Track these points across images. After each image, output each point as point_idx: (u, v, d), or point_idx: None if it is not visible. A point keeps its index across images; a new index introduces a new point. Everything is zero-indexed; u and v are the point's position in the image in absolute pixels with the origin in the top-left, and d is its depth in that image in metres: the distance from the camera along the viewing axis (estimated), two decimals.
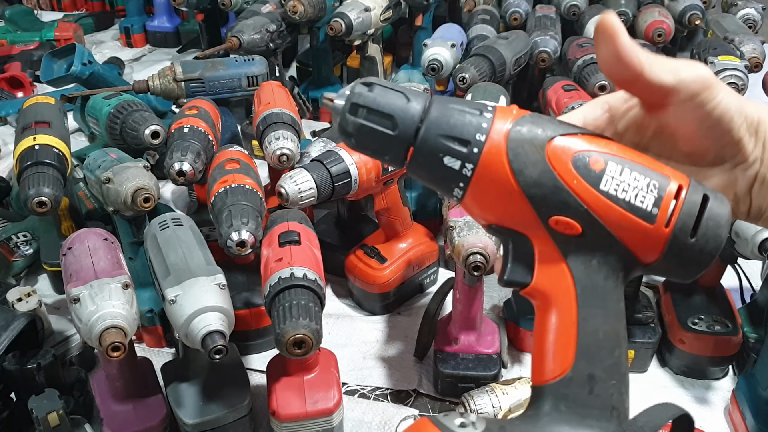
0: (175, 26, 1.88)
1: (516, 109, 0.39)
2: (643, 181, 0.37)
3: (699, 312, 0.82)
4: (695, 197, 0.37)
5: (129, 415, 0.69)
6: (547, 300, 0.40)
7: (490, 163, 0.37)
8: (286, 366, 0.70)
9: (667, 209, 0.37)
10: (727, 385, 0.82)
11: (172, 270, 0.65)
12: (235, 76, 1.07)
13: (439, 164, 0.38)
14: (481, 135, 0.37)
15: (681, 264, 0.38)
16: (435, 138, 0.37)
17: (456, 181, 0.38)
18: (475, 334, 0.79)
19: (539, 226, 0.38)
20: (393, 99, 0.38)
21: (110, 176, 0.75)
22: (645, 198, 0.37)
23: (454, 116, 0.38)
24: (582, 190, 0.37)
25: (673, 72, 0.37)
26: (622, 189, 0.37)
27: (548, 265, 0.39)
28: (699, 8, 1.32)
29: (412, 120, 0.38)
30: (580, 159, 0.37)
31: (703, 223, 0.37)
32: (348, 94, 0.38)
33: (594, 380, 0.38)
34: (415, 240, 0.93)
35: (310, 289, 0.64)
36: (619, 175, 0.37)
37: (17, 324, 0.71)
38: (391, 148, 0.38)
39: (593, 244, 0.38)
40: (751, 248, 0.74)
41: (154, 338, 0.87)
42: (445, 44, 1.11)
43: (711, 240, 0.37)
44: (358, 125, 0.38)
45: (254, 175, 0.82)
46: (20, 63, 1.59)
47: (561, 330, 0.39)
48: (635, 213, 0.37)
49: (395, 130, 0.38)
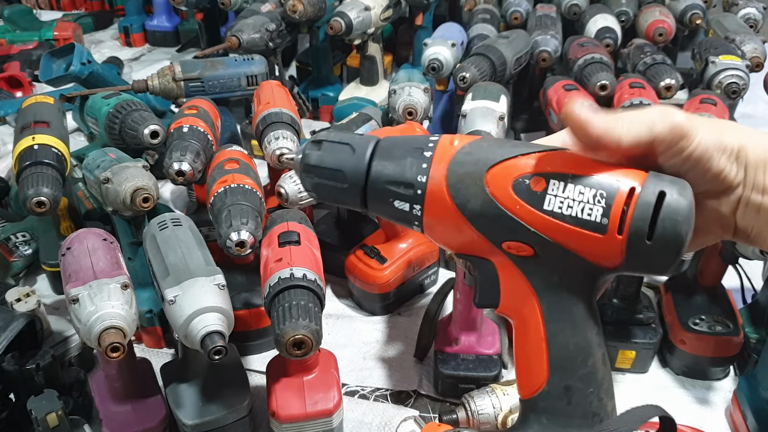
0: (175, 26, 1.87)
1: (458, 139, 0.39)
2: (589, 192, 0.36)
3: (700, 312, 0.82)
4: (649, 198, 0.36)
5: (128, 416, 0.69)
6: (516, 318, 0.41)
7: (434, 202, 0.39)
8: (285, 367, 0.69)
9: (617, 217, 0.36)
10: (729, 385, 0.82)
11: (171, 270, 0.65)
12: (234, 75, 1.06)
13: (392, 207, 0.40)
14: (422, 176, 0.39)
15: (646, 265, 0.37)
16: (382, 185, 0.40)
17: (411, 220, 0.41)
18: (475, 334, 0.79)
19: (496, 251, 0.39)
20: (339, 154, 0.40)
21: (109, 176, 0.75)
22: (592, 210, 0.36)
23: (395, 161, 0.39)
24: (526, 213, 0.37)
25: (648, 128, 0.37)
26: (567, 205, 0.37)
27: (512, 285, 0.40)
28: (700, 7, 1.32)
29: (360, 171, 0.40)
30: (519, 183, 0.37)
31: (658, 224, 0.36)
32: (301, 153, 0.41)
33: (571, 391, 0.39)
34: (415, 240, 0.93)
35: (309, 290, 0.64)
36: (562, 192, 0.37)
37: (16, 324, 0.71)
38: (347, 198, 0.41)
39: (550, 261, 0.38)
40: (752, 248, 0.73)
41: (154, 339, 0.87)
42: (445, 43, 1.11)
43: (671, 238, 0.36)
44: (313, 183, 0.42)
45: (254, 175, 0.82)
46: (19, 62, 1.59)
47: (533, 346, 0.40)
48: (584, 227, 0.37)
49: (345, 183, 0.40)
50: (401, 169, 0.39)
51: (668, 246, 0.36)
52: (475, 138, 0.40)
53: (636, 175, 0.37)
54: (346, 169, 0.40)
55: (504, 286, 0.41)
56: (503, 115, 0.91)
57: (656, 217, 0.36)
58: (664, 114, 0.37)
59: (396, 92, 1.00)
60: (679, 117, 0.37)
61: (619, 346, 0.81)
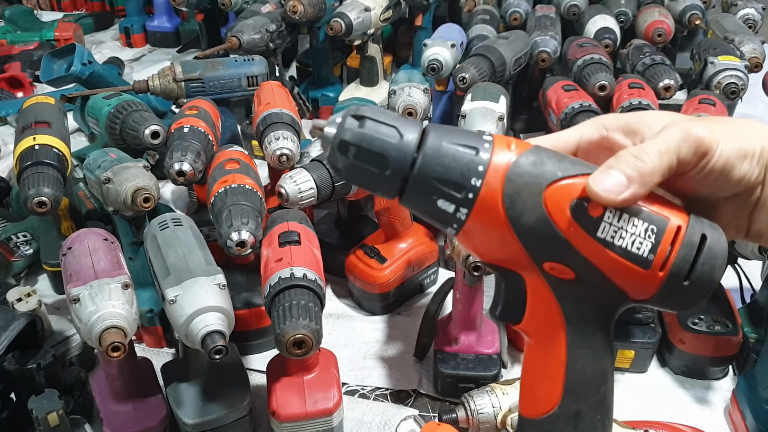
0: (175, 26, 1.87)
1: (515, 144, 0.37)
2: (641, 226, 0.36)
3: (699, 312, 0.82)
4: (693, 239, 0.36)
5: (129, 415, 0.69)
6: (538, 338, 0.40)
7: (485, 209, 0.36)
8: (286, 366, 0.70)
9: (663, 255, 0.36)
10: (727, 385, 0.82)
11: (172, 270, 0.65)
12: (235, 76, 1.06)
13: (433, 205, 0.36)
14: (477, 180, 0.35)
15: (673, 302, 0.38)
16: (429, 180, 0.35)
17: (450, 222, 0.37)
18: (475, 334, 0.79)
19: (533, 269, 0.38)
20: (385, 136, 0.35)
21: (110, 176, 0.75)
22: (642, 244, 0.36)
23: (448, 156, 0.35)
24: (578, 238, 0.36)
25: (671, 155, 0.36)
26: (620, 236, 0.36)
27: (540, 305, 0.39)
28: (699, 8, 1.32)
29: (405, 160, 0.35)
30: (578, 204, 0.36)
31: (698, 267, 0.36)
32: (338, 126, 0.35)
33: (579, 416, 0.39)
34: (415, 240, 0.93)
35: (310, 289, 0.64)
36: (617, 221, 0.36)
37: (17, 324, 0.71)
38: (383, 186, 0.37)
39: (587, 288, 0.38)
40: (751, 248, 0.74)
41: (154, 338, 0.87)
42: (445, 44, 1.11)
43: (705, 282, 0.36)
44: (347, 164, 0.36)
45: (254, 175, 0.82)
46: (20, 63, 1.59)
47: (550, 369, 0.39)
48: (631, 259, 0.36)
49: (387, 171, 0.35)
50: (455, 166, 0.35)
51: (701, 287, 0.36)
52: (532, 146, 0.37)
53: (680, 214, 0.37)
54: (391, 155, 0.35)
55: (531, 305, 0.39)
56: (503, 116, 0.91)
57: (696, 259, 0.36)
58: (687, 134, 0.36)
59: (396, 93, 1.00)
60: (701, 132, 0.36)
61: (618, 346, 0.81)
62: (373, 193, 0.39)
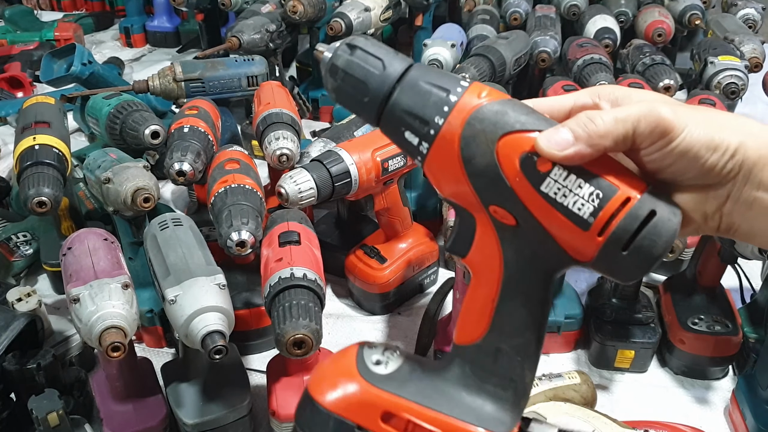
0: (175, 26, 1.88)
1: (487, 92, 0.39)
2: (587, 189, 0.37)
3: (699, 312, 0.82)
4: (640, 212, 0.36)
5: (129, 415, 0.69)
6: (477, 273, 0.43)
7: (443, 146, 0.39)
8: (286, 366, 0.70)
9: (604, 220, 0.37)
10: (727, 385, 0.82)
11: (172, 270, 0.65)
12: (235, 76, 1.07)
13: (401, 136, 0.40)
14: (440, 118, 0.38)
15: (611, 269, 0.38)
16: (399, 112, 0.39)
17: (414, 154, 0.40)
18: None
19: (481, 210, 0.40)
20: (370, 66, 0.39)
21: (110, 176, 0.75)
22: (584, 206, 0.37)
23: (420, 93, 0.39)
24: (522, 188, 0.38)
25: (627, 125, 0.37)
26: (563, 194, 0.37)
27: (484, 243, 0.41)
28: (699, 8, 1.33)
29: (383, 90, 0.39)
30: (528, 158, 0.37)
31: (638, 239, 0.36)
32: (333, 52, 0.40)
33: (500, 353, 0.42)
34: (415, 240, 0.93)
35: (310, 289, 0.64)
36: (563, 179, 0.37)
37: (17, 324, 0.71)
38: (364, 111, 0.41)
39: (527, 236, 0.39)
40: (751, 248, 0.74)
41: (154, 338, 0.87)
42: (445, 44, 1.11)
43: (643, 255, 0.37)
44: (335, 86, 0.40)
45: (254, 175, 0.82)
46: (20, 63, 1.59)
47: (481, 303, 0.42)
48: (570, 218, 0.37)
49: (366, 97, 0.39)
50: (422, 103, 0.39)
51: (639, 261, 0.37)
52: (504, 97, 0.39)
53: (637, 186, 0.37)
54: (370, 84, 0.39)
55: (477, 242, 0.41)
56: None
57: (638, 232, 0.36)
58: (649, 111, 0.37)
59: None
60: (665, 113, 0.37)
61: (618, 346, 0.81)
62: (358, 117, 0.43)
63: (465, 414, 0.42)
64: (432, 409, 0.42)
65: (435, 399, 0.42)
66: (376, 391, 0.43)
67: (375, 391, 0.43)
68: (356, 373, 0.43)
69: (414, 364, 0.45)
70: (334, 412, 0.43)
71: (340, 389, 0.43)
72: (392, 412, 0.42)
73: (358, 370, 0.43)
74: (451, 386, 0.43)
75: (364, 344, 0.45)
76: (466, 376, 0.43)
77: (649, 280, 0.96)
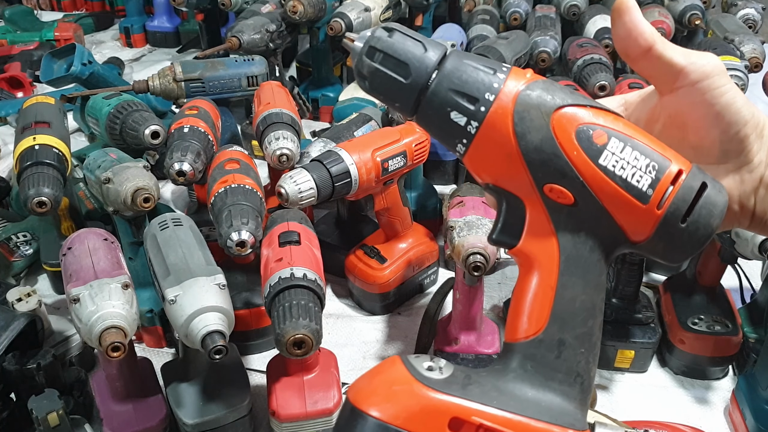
0: (175, 26, 1.88)
1: (531, 73, 0.39)
2: (643, 161, 0.37)
3: (699, 312, 0.82)
4: (693, 183, 0.37)
5: (129, 415, 0.69)
6: (531, 263, 0.40)
7: (495, 123, 0.38)
8: (286, 366, 0.70)
9: (663, 192, 0.37)
10: (727, 385, 0.82)
11: (172, 270, 0.65)
12: (235, 76, 1.07)
13: (446, 118, 0.39)
14: (491, 95, 0.38)
15: (668, 247, 0.38)
16: (445, 92, 0.38)
17: (460, 137, 0.39)
18: (475, 334, 0.79)
19: (534, 192, 0.39)
20: (410, 47, 0.38)
21: (110, 176, 0.75)
22: (642, 178, 0.37)
23: (466, 72, 0.38)
24: (581, 162, 0.37)
25: (684, 55, 0.39)
26: (621, 166, 0.37)
27: (537, 229, 0.40)
28: (699, 8, 1.32)
29: (426, 71, 0.38)
30: (583, 131, 0.37)
31: (696, 209, 0.37)
32: (368, 35, 0.39)
33: (563, 345, 0.39)
34: (415, 240, 0.93)
35: (310, 289, 0.64)
36: (620, 152, 0.37)
37: (17, 324, 0.71)
38: (402, 96, 0.39)
39: (584, 215, 0.38)
40: (751, 248, 0.74)
41: (154, 338, 0.87)
42: (445, 44, 1.11)
43: (702, 227, 0.37)
44: (372, 69, 0.39)
45: (254, 175, 0.82)
46: (20, 63, 1.59)
47: (539, 293, 0.40)
48: (630, 191, 0.37)
49: (407, 79, 0.38)
50: (471, 80, 0.38)
51: (697, 233, 0.37)
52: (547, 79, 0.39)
53: (684, 162, 0.38)
54: (413, 64, 0.38)
55: (529, 228, 0.40)
56: None
57: (694, 204, 0.37)
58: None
59: None
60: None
61: (618, 346, 0.81)
62: (392, 106, 0.41)
63: (538, 413, 0.39)
64: (503, 410, 0.38)
65: (503, 401, 0.39)
66: (440, 396, 0.38)
67: (439, 396, 0.38)
68: (412, 379, 0.38)
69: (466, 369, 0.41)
70: (392, 424, 0.37)
71: (398, 398, 0.38)
72: (461, 417, 0.38)
73: (415, 377, 0.38)
74: (515, 386, 0.39)
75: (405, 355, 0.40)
76: (529, 374, 0.40)
77: (649, 280, 0.96)
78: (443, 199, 1.04)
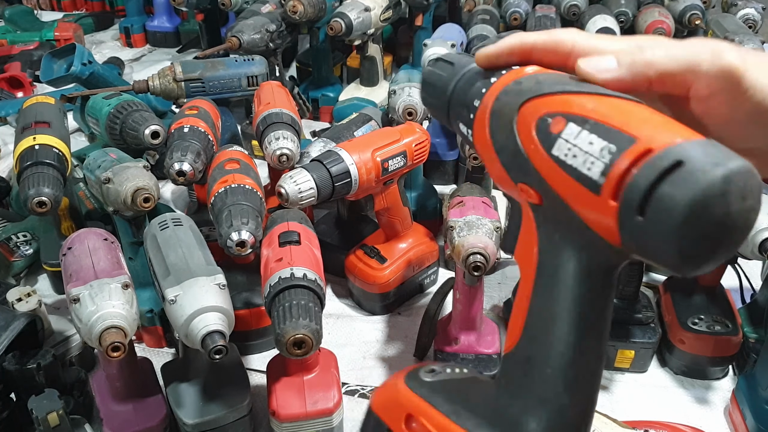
0: (175, 26, 1.88)
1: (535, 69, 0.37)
2: (599, 144, 0.30)
3: (699, 312, 0.82)
4: (660, 163, 0.28)
5: (129, 415, 0.69)
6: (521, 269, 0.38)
7: (478, 128, 0.39)
8: (286, 366, 0.70)
9: (617, 178, 0.29)
10: (727, 385, 0.82)
11: (172, 270, 0.65)
12: (235, 76, 1.07)
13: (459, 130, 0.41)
14: (477, 101, 0.39)
15: (642, 250, 0.30)
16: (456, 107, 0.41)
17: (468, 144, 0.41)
18: (475, 334, 0.79)
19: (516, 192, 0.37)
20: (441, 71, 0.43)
21: (110, 176, 0.75)
22: (593, 165, 0.30)
23: (468, 82, 0.40)
24: (536, 155, 0.33)
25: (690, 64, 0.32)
26: (572, 154, 0.31)
27: (526, 233, 0.37)
28: (699, 8, 1.32)
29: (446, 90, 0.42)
30: (543, 121, 0.33)
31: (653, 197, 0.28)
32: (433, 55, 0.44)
33: (530, 363, 0.35)
34: (415, 240, 0.93)
35: (310, 289, 0.64)
36: (573, 138, 0.31)
37: (17, 324, 0.71)
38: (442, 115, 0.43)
39: (552, 215, 0.34)
40: (751, 248, 0.74)
41: (154, 338, 0.87)
42: (444, 44, 1.11)
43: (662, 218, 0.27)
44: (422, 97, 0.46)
45: (254, 175, 0.82)
46: (20, 63, 1.59)
47: (518, 304, 0.37)
48: (581, 181, 0.31)
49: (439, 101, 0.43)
50: (468, 90, 0.40)
51: (660, 227, 0.28)
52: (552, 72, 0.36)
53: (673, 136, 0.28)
54: (439, 87, 0.42)
55: (521, 233, 0.37)
56: None
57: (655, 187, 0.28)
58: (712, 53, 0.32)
59: (396, 93, 1.00)
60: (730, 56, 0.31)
61: (618, 346, 0.81)
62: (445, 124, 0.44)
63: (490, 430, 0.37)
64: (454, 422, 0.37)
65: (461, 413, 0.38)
66: (405, 392, 0.41)
67: (405, 392, 0.41)
68: (401, 375, 0.43)
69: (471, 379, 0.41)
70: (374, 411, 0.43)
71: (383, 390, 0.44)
72: (414, 415, 0.39)
73: (404, 375, 0.43)
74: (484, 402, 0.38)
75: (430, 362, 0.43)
76: (500, 392, 0.38)
77: (649, 280, 0.96)
78: (443, 199, 1.04)
